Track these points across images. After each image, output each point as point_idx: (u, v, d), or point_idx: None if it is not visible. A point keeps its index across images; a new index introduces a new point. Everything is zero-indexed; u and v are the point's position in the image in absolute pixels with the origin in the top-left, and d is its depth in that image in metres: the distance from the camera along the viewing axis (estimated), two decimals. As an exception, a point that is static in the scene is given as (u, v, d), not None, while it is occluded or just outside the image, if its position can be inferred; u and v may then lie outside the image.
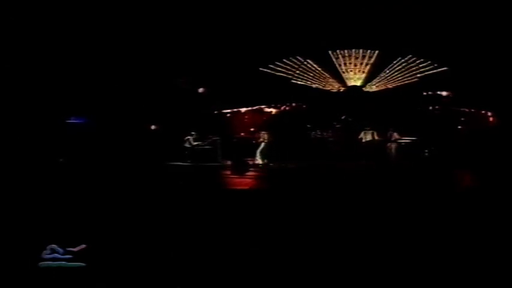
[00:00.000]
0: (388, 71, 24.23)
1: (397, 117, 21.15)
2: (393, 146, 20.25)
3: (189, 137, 20.47)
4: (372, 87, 24.59)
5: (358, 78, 24.71)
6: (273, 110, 24.93)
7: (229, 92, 23.13)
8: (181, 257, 6.48)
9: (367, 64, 24.43)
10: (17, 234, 6.99)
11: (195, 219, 8.19)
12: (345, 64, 24.60)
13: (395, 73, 24.24)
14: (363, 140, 20.60)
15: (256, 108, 24.78)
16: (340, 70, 24.77)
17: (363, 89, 24.71)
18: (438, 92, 23.10)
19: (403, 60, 24.04)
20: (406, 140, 20.26)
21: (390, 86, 24.26)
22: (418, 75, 23.96)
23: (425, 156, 19.75)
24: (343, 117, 22.03)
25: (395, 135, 20.24)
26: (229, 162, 18.66)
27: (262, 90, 23.07)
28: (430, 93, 23.26)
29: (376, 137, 20.46)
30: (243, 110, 24.77)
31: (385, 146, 20.34)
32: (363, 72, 24.54)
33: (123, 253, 6.48)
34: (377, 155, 19.90)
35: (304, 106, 24.52)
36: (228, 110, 24.55)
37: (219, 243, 6.95)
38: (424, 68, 23.81)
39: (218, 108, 24.07)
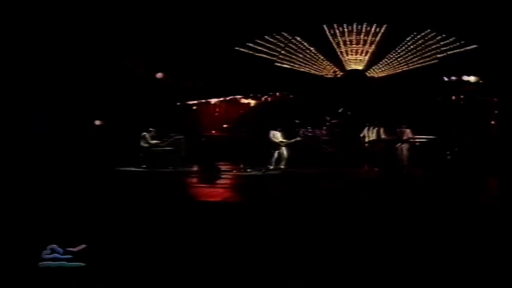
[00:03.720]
0: (398, 51, 24.17)
1: (410, 110, 21.06)
2: (405, 147, 20.10)
3: (145, 134, 20.20)
4: (378, 72, 24.60)
5: (361, 61, 24.70)
6: (252, 101, 24.78)
7: (196, 78, 22.88)
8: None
9: (371, 42, 24.42)
10: (17, 234, 7.79)
11: (151, 240, 8.03)
12: (344, 42, 24.55)
13: (408, 53, 24.18)
14: (366, 140, 20.44)
15: (230, 99, 24.62)
16: (337, 50, 24.74)
17: (366, 73, 24.71)
18: (464, 77, 22.59)
19: (418, 37, 23.92)
20: (422, 139, 20.12)
21: (401, 70, 24.26)
22: (438, 55, 23.90)
23: (446, 160, 19.65)
24: (340, 110, 21.71)
25: (408, 133, 20.02)
26: (196, 168, 18.44)
27: (238, 76, 22.91)
28: (453, 78, 22.74)
29: (382, 136, 20.23)
30: (214, 101, 24.61)
31: (394, 147, 20.23)
32: (367, 52, 24.52)
33: (123, 253, 7.24)
34: (384, 158, 19.75)
35: (291, 96, 24.41)
36: (195, 101, 24.35)
37: (182, 269, 7.06)
38: (446, 46, 23.71)
39: (182, 98, 23.83)
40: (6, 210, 9.56)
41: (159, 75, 23.04)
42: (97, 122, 21.74)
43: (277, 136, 19.52)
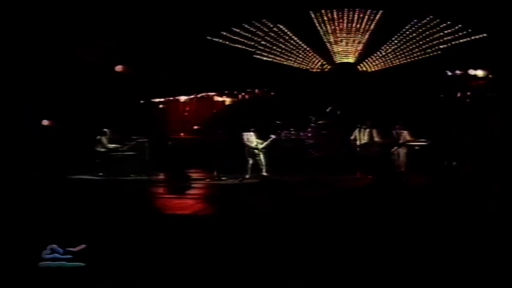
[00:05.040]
0: (396, 41, 23.99)
1: (408, 109, 20.88)
2: (402, 151, 19.95)
3: (101, 137, 19.91)
4: (372, 66, 24.48)
5: (352, 52, 24.56)
6: (227, 99, 24.54)
7: (163, 72, 22.60)
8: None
9: (365, 31, 24.26)
10: (17, 234, 8.84)
11: (111, 259, 8.13)
12: (333, 31, 24.38)
13: (407, 44, 24.05)
14: (358, 143, 20.27)
15: (202, 97, 24.36)
16: (325, 40, 24.58)
17: (358, 67, 24.55)
18: (471, 71, 22.31)
19: (419, 24, 23.73)
20: (421, 142, 19.95)
21: (399, 63, 24.13)
22: (442, 46, 23.75)
23: (449, 166, 19.52)
24: (328, 109, 21.61)
25: (405, 136, 19.88)
26: (162, 176, 18.20)
27: (211, 70, 22.62)
28: (458, 72, 22.61)
29: (376, 138, 20.10)
30: (183, 98, 24.32)
31: (390, 151, 20.09)
32: (359, 43, 24.38)
33: (123, 253, 8.20)
34: (378, 164, 19.62)
35: (272, 93, 24.19)
36: (161, 99, 24.07)
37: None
38: (451, 36, 23.55)
39: (145, 95, 23.55)
40: (7, 210, 10.81)
41: (119, 68, 22.69)
42: (45, 122, 21.43)
43: (251, 139, 19.37)
